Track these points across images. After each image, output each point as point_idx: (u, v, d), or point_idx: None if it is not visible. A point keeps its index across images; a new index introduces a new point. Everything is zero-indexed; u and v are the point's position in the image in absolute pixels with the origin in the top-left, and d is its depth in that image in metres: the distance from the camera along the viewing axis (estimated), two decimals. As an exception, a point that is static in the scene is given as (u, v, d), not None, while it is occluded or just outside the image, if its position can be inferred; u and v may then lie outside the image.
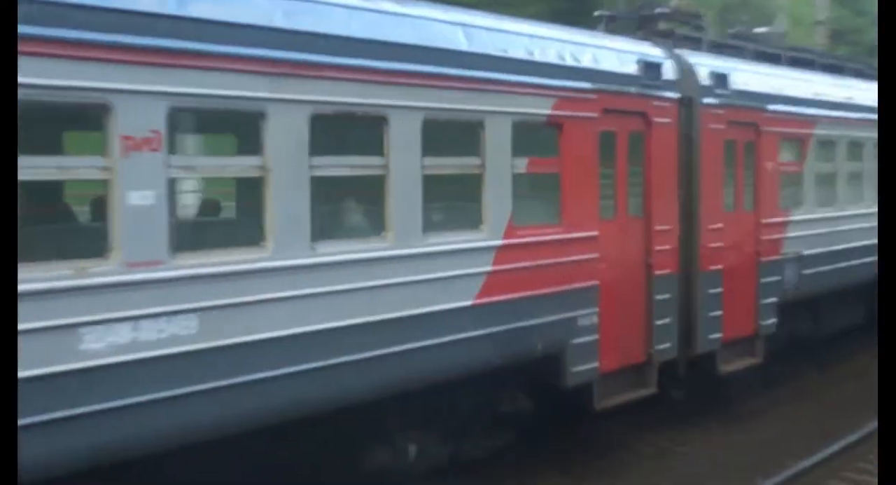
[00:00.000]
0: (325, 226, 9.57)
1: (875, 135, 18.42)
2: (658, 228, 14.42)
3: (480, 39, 11.66)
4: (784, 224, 17.87)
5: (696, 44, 16.60)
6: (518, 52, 11.98)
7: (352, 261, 9.74)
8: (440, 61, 10.87)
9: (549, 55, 12.35)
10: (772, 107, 16.70)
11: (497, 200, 11.42)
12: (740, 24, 41.97)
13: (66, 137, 10.52)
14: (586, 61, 13.30)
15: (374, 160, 10.16)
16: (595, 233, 12.91)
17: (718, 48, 17.32)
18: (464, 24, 11.55)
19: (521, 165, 11.79)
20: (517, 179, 11.69)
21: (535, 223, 12.17)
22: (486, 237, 11.31)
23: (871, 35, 51.04)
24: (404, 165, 10.26)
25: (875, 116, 17.20)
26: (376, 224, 10.37)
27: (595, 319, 12.64)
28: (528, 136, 11.90)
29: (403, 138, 9.97)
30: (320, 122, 9.42)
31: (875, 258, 17.37)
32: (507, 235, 11.46)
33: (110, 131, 8.01)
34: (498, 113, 11.30)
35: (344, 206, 10.95)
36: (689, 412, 15.96)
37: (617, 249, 13.67)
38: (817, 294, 18.49)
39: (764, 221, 16.83)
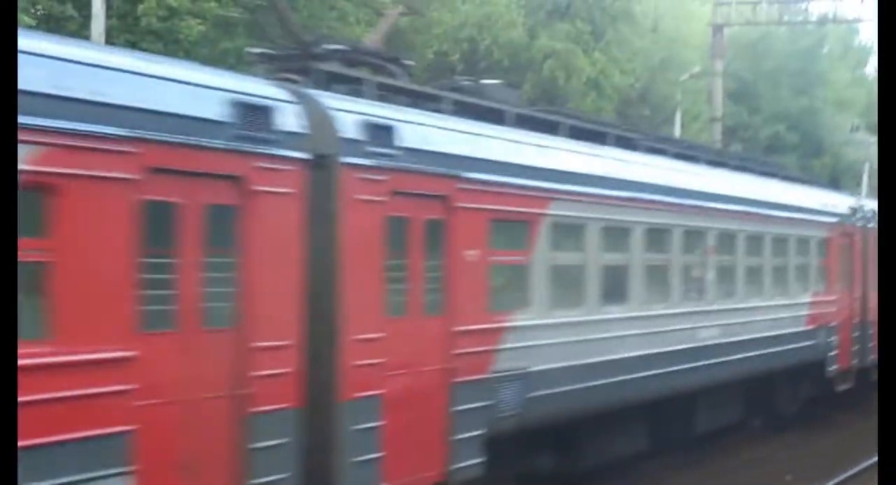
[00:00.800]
0: None
1: (654, 220, 17.32)
2: (261, 343, 10.48)
3: None
4: (496, 332, 14.00)
5: (387, 90, 13.59)
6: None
7: None
8: None
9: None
10: (475, 175, 13.21)
11: None
12: (639, 118, 47.23)
13: None
14: (114, 96, 9.39)
15: None
16: (129, 354, 9.03)
17: (411, 99, 13.91)
18: None
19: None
20: None
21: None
22: None
23: (765, 132, 61.61)
24: None
25: (651, 197, 17.29)
26: None
27: None
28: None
29: None
30: None
31: (659, 371, 16.85)
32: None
33: None
34: None
35: None
36: None
37: (178, 377, 9.76)
38: (565, 419, 15.31)
39: (459, 328, 13.11)
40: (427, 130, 13.03)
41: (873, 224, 26.26)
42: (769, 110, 63.38)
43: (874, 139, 66.12)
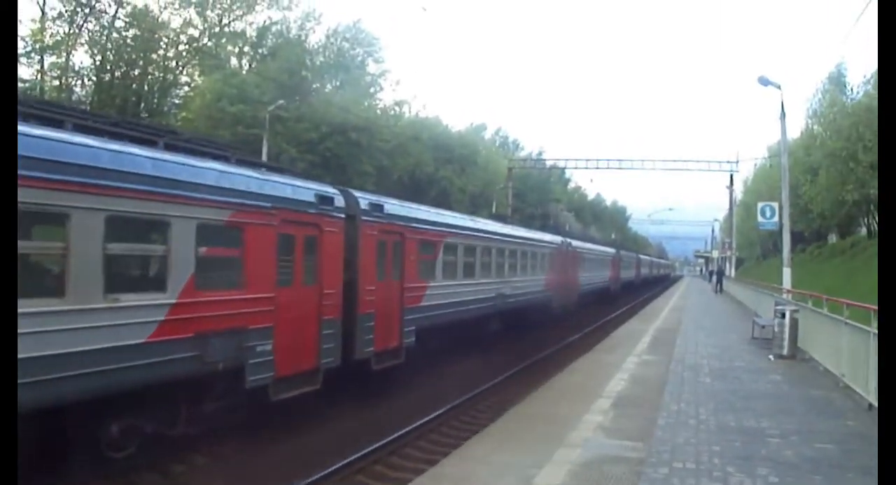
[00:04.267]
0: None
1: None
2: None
3: None
4: None
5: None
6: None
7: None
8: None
9: None
10: None
11: None
12: (479, 207, 56.81)
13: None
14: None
15: None
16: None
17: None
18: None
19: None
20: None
21: None
22: None
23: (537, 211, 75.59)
24: None
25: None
26: None
27: None
28: None
29: None
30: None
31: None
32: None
33: None
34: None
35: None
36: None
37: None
38: None
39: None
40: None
41: (371, 218, 16.19)
42: (538, 198, 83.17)
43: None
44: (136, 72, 42.07)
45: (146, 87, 43.31)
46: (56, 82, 39.55)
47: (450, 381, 19.01)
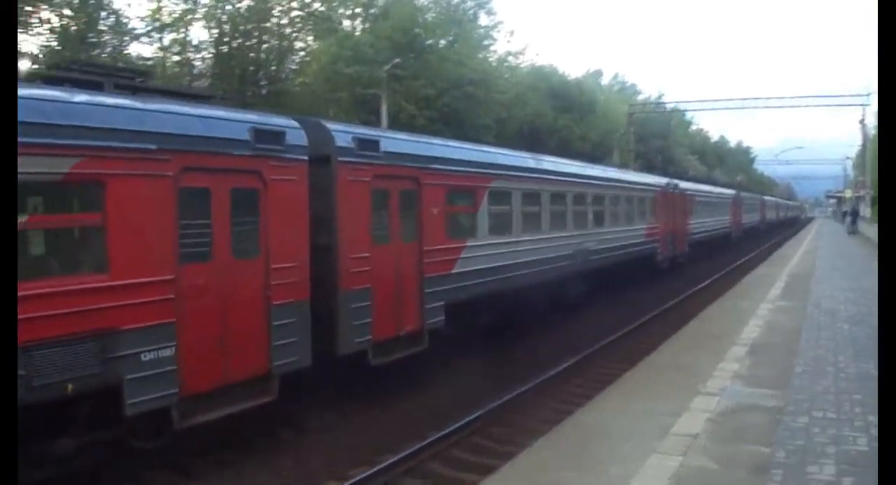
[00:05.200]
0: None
1: None
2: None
3: None
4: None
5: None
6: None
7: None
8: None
9: None
10: None
11: None
12: (602, 152, 55.99)
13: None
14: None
15: None
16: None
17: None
18: None
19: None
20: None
21: None
22: None
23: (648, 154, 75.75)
24: None
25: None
26: None
27: None
28: None
29: None
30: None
31: None
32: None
33: None
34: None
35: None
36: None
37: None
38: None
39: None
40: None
41: (357, 159, 12.02)
42: (650, 147, 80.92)
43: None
44: (253, 42, 43.83)
45: (263, 56, 45.43)
46: (177, 57, 42.23)
47: (564, 341, 18.18)
